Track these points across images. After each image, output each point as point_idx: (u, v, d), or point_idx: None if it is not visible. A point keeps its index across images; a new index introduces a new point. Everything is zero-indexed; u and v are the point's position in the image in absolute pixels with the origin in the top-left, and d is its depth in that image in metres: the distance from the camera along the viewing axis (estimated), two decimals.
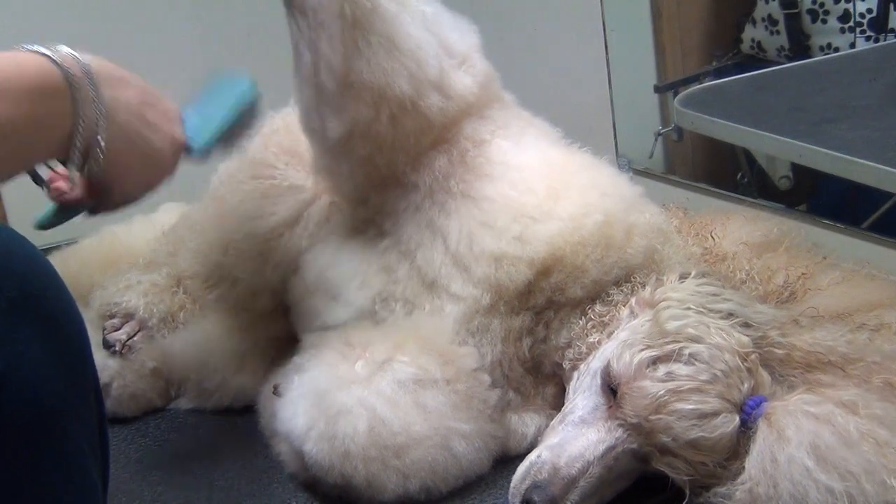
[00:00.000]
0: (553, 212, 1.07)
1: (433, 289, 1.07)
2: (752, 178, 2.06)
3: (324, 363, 1.04)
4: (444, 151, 1.11)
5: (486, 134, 1.13)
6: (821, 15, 2.09)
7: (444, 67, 1.08)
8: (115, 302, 1.22)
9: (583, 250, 1.05)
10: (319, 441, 0.99)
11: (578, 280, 1.06)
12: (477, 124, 1.13)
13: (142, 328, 1.22)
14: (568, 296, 1.06)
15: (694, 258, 1.12)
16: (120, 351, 1.20)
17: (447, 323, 1.06)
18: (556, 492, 0.91)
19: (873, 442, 0.83)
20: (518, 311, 1.07)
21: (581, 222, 1.06)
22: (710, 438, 0.89)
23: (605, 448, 0.93)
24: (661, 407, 0.89)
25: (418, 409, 1.00)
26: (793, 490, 0.83)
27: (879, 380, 0.89)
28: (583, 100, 2.23)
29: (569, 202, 1.08)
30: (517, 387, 1.09)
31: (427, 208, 1.10)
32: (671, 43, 2.22)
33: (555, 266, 1.05)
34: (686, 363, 0.91)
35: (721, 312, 0.96)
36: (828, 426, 0.85)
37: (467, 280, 1.06)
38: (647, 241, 1.09)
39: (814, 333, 0.94)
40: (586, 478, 0.92)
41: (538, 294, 1.06)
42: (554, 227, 1.06)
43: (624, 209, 1.10)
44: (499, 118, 1.15)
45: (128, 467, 1.13)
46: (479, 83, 1.12)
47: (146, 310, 1.22)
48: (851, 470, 0.82)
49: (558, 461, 0.93)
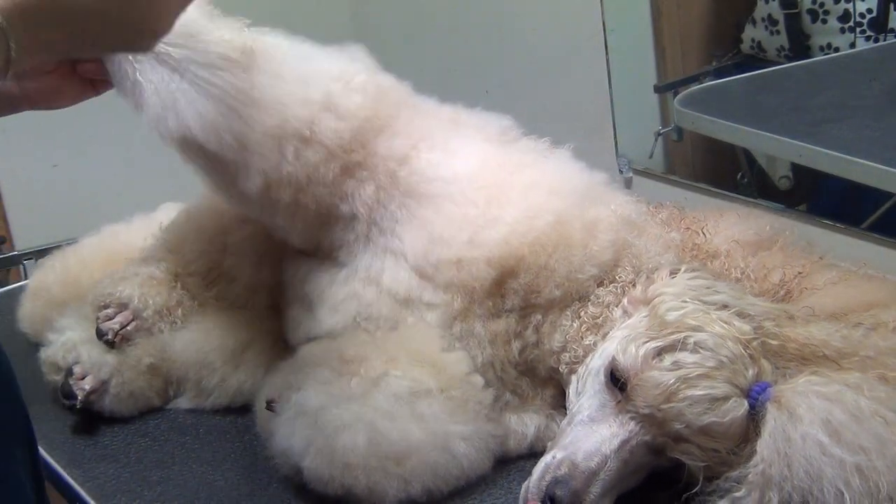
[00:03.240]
0: (499, 218, 1.07)
1: (409, 304, 1.08)
2: (752, 178, 2.06)
3: (319, 381, 1.04)
4: (367, 179, 1.09)
5: (406, 149, 1.10)
6: (821, 15, 2.08)
7: (330, 89, 1.06)
8: (109, 292, 1.21)
9: (542, 251, 1.05)
10: (318, 456, 0.99)
11: (550, 279, 1.05)
12: (390, 141, 1.10)
13: (136, 318, 1.21)
14: (546, 296, 1.06)
15: (673, 246, 1.11)
16: (113, 340, 1.19)
17: (434, 332, 1.06)
18: (578, 486, 0.92)
19: (882, 420, 0.84)
20: (499, 314, 1.07)
21: (531, 224, 1.06)
22: (722, 423, 0.89)
23: (620, 441, 0.94)
24: (671, 395, 0.90)
25: (415, 418, 1.00)
26: (807, 467, 0.83)
27: (874, 375, 0.89)
28: (583, 100, 2.23)
29: (512, 207, 1.07)
30: (514, 389, 1.09)
31: (376, 236, 1.10)
32: (671, 43, 2.21)
33: (518, 266, 1.05)
34: (692, 351, 0.92)
35: (716, 304, 0.97)
36: (838, 404, 0.85)
37: (437, 287, 1.07)
38: (615, 234, 1.08)
39: (808, 327, 0.95)
40: (605, 471, 0.93)
41: (512, 295, 1.06)
42: (504, 230, 1.06)
43: (576, 205, 1.08)
44: (415, 129, 1.12)
45: (128, 467, 1.14)
46: (371, 97, 1.09)
47: (141, 300, 1.21)
48: (864, 445, 0.83)
49: (575, 457, 0.94)
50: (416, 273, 1.08)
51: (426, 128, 1.13)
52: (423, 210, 1.09)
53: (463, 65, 2.58)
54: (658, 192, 1.91)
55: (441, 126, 1.15)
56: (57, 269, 1.43)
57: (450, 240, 1.06)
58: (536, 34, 2.37)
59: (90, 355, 1.19)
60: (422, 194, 1.09)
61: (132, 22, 0.75)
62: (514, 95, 2.46)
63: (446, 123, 1.16)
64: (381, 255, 1.10)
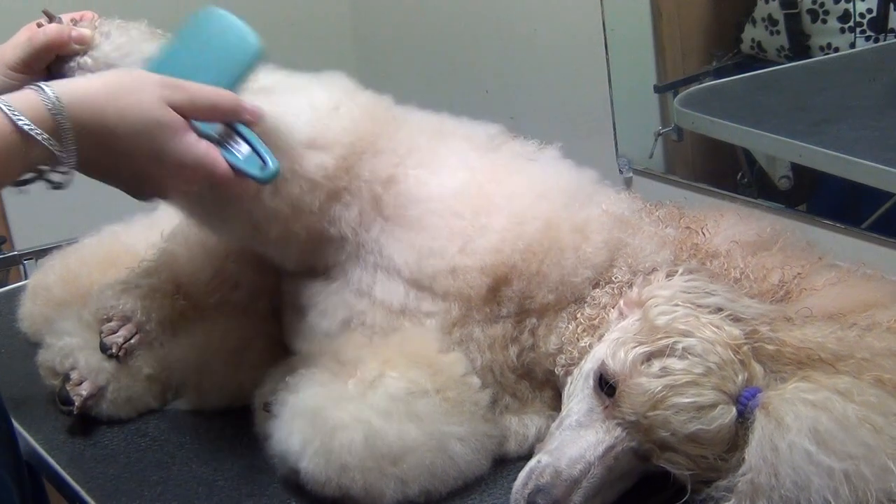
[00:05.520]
0: (488, 226, 1.06)
1: (405, 313, 1.08)
2: (752, 178, 2.06)
3: (316, 383, 1.04)
4: (351, 203, 1.09)
5: (390, 168, 1.10)
6: (821, 15, 2.09)
7: (314, 125, 1.06)
8: (112, 305, 1.21)
9: (533, 257, 1.04)
10: (315, 457, 0.99)
11: (543, 285, 1.05)
12: (373, 164, 1.09)
13: (139, 331, 1.21)
14: (540, 301, 1.06)
15: (669, 243, 1.10)
16: (117, 354, 1.19)
17: (432, 334, 1.06)
18: (560, 494, 0.91)
19: (871, 427, 0.83)
20: (496, 320, 1.07)
21: (520, 230, 1.05)
22: (709, 431, 0.88)
23: (605, 448, 0.93)
24: (658, 403, 0.89)
25: (412, 418, 1.00)
26: (795, 476, 0.83)
27: (870, 377, 0.89)
28: (583, 100, 2.23)
29: (500, 215, 1.07)
30: (513, 392, 1.09)
31: (364, 255, 1.10)
32: (671, 43, 2.22)
33: (511, 274, 1.05)
34: (680, 357, 0.91)
35: (710, 307, 0.96)
36: (826, 412, 0.84)
37: (435, 296, 1.07)
38: (607, 234, 1.07)
39: (803, 330, 0.94)
40: (588, 478, 0.92)
41: (507, 302, 1.06)
42: (493, 238, 1.05)
43: (565, 207, 1.08)
44: (399, 145, 1.11)
45: (128, 467, 1.14)
46: (353, 121, 1.09)
47: (144, 313, 1.21)
48: (852, 453, 0.82)
49: (559, 464, 0.93)
50: (412, 286, 1.08)
51: (411, 141, 1.13)
52: (409, 229, 1.08)
53: (463, 65, 2.58)
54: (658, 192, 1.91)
55: (426, 138, 1.14)
56: (57, 269, 1.43)
57: (442, 251, 1.06)
58: (536, 34, 2.37)
59: (87, 361, 1.19)
60: (407, 215, 1.09)
61: (138, 190, 0.96)
62: (514, 95, 2.46)
63: (431, 135, 1.15)
64: (371, 270, 1.10)
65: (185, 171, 0.93)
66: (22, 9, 2.05)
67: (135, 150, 0.90)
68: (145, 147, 0.90)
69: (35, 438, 1.20)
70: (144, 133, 0.90)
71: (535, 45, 2.38)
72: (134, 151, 0.90)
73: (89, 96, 0.87)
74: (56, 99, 0.85)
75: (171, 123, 0.91)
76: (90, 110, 0.87)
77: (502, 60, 2.47)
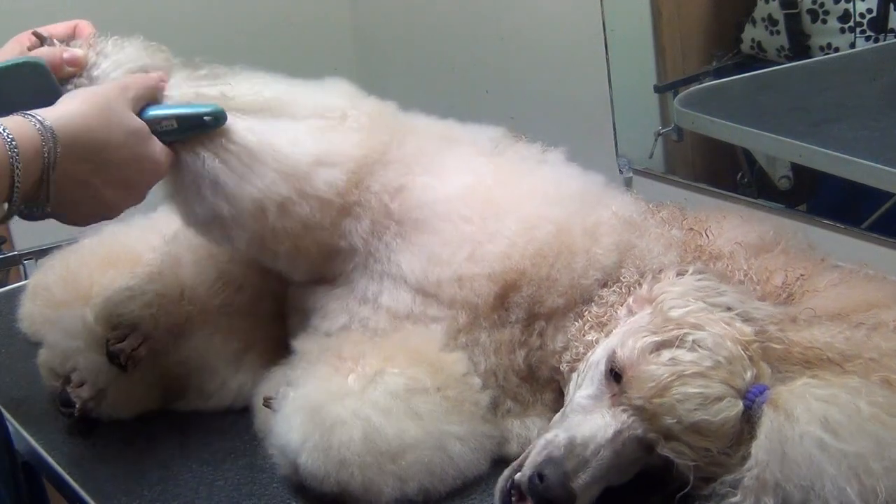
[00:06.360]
0: (498, 231, 1.06)
1: (410, 319, 1.08)
2: (752, 178, 2.06)
3: (316, 377, 1.04)
4: (362, 216, 1.09)
5: (400, 177, 1.10)
6: (821, 15, 2.09)
7: (320, 141, 1.06)
8: (119, 313, 1.20)
9: (544, 262, 1.05)
10: (314, 452, 0.99)
11: (552, 290, 1.05)
12: (381, 176, 1.09)
13: (146, 339, 1.20)
14: (549, 306, 1.06)
15: (675, 244, 1.10)
16: (124, 363, 1.18)
17: (436, 334, 1.06)
18: (570, 468, 0.92)
19: (881, 424, 0.84)
20: (504, 325, 1.07)
21: (531, 235, 1.05)
22: (714, 423, 0.88)
23: (614, 431, 0.93)
24: (664, 390, 0.90)
25: (411, 415, 1.00)
26: (808, 464, 0.82)
27: (877, 377, 0.89)
28: (583, 100, 2.23)
29: (510, 220, 1.07)
30: (514, 396, 1.09)
31: (373, 264, 1.10)
32: (671, 43, 2.22)
33: (520, 280, 1.05)
34: (690, 349, 0.91)
35: (720, 306, 0.96)
36: (836, 406, 0.85)
37: (441, 303, 1.07)
38: (617, 237, 1.08)
39: (811, 330, 0.94)
40: (597, 459, 0.93)
41: (516, 308, 1.06)
42: (503, 244, 1.05)
43: (576, 211, 1.08)
44: (406, 154, 1.12)
45: (128, 467, 1.13)
46: (366, 129, 1.09)
47: (150, 321, 1.20)
48: (861, 447, 0.82)
49: (575, 440, 0.94)
50: (418, 293, 1.08)
51: (418, 149, 1.13)
52: (419, 236, 1.08)
53: (463, 65, 2.58)
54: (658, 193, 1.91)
55: (433, 145, 1.14)
56: (57, 269, 1.43)
57: (449, 259, 1.06)
58: (536, 34, 2.37)
59: (88, 363, 1.19)
60: (417, 221, 1.09)
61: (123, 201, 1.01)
62: (514, 95, 2.46)
63: (438, 141, 1.15)
64: (377, 279, 1.10)
65: (160, 168, 1.00)
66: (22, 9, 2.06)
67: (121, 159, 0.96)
68: (128, 154, 0.97)
69: (35, 438, 1.20)
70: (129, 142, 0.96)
71: (535, 45, 2.38)
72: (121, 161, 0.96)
73: (75, 117, 0.92)
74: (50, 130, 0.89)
75: (142, 128, 0.98)
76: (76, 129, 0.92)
77: (502, 60, 2.47)
